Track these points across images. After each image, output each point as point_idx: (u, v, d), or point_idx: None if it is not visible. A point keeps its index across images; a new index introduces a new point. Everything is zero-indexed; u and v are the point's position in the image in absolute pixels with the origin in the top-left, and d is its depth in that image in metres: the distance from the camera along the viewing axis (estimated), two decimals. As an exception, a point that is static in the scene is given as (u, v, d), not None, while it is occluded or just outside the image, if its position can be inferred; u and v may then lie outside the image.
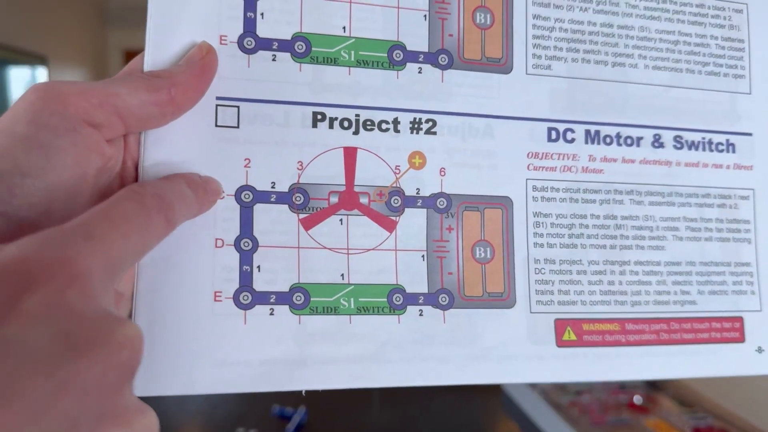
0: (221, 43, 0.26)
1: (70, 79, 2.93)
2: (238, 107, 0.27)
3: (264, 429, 0.77)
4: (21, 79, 2.72)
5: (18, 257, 0.15)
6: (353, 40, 0.28)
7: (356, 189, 0.27)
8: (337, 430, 0.81)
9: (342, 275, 0.27)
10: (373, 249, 0.27)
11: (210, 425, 0.80)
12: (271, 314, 0.26)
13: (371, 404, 0.86)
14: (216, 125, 0.26)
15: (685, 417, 0.74)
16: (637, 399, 0.80)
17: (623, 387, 0.84)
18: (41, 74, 2.76)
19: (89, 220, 0.18)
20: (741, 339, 0.31)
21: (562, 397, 0.80)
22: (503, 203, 0.29)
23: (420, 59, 0.29)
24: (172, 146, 0.25)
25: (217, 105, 0.26)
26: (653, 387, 0.85)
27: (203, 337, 0.25)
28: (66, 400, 0.14)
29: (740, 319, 0.31)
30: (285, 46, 0.27)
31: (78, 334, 0.15)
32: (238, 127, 0.26)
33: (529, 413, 0.82)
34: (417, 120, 0.28)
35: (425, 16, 0.29)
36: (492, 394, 0.91)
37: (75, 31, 2.99)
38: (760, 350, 0.31)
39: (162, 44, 0.26)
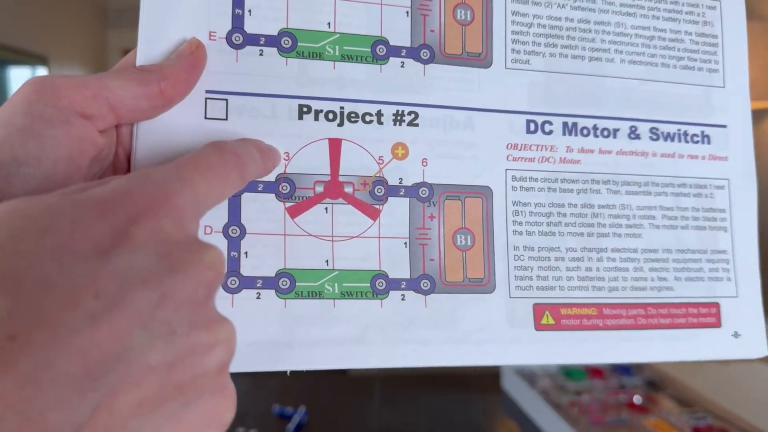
0: (210, 39, 0.28)
1: (71, 78, 2.94)
2: (226, 100, 0.28)
3: (264, 429, 0.77)
4: (21, 79, 2.73)
5: (126, 189, 0.18)
6: (338, 35, 0.29)
7: (341, 179, 0.29)
8: (337, 430, 0.81)
9: (327, 261, 0.28)
10: (357, 236, 0.28)
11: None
12: (258, 298, 0.27)
13: (371, 404, 0.87)
14: (205, 117, 0.27)
15: (684, 417, 0.75)
16: (637, 399, 0.80)
17: (623, 387, 0.85)
18: (41, 74, 2.77)
19: (182, 164, 0.21)
20: (717, 324, 0.32)
21: (562, 397, 0.80)
22: (483, 192, 0.30)
23: (402, 54, 0.30)
24: (163, 137, 0.27)
25: (206, 98, 0.27)
26: (653, 387, 0.85)
27: None
28: (166, 309, 0.17)
29: (716, 305, 0.32)
30: (272, 41, 0.28)
31: (174, 256, 0.18)
32: (226, 119, 0.28)
33: (529, 413, 0.82)
34: (400, 112, 0.29)
35: (407, 12, 0.30)
36: (492, 394, 0.91)
37: (75, 31, 2.99)
38: (736, 335, 0.32)
39: (153, 40, 0.27)
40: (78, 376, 0.15)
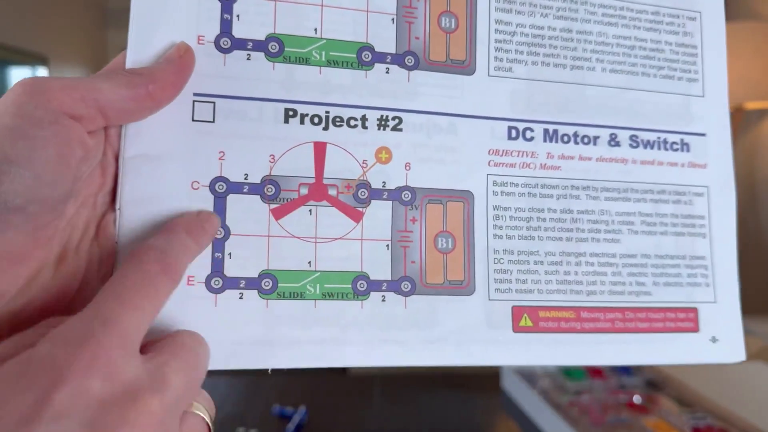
0: (199, 43, 0.28)
1: (70, 79, 2.94)
2: (214, 103, 0.28)
3: (264, 429, 0.77)
4: (21, 79, 2.73)
5: (49, 355, 0.18)
6: (324, 41, 0.30)
7: (325, 181, 0.29)
8: (337, 430, 0.81)
9: (309, 263, 0.28)
10: (339, 238, 0.29)
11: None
12: (241, 298, 0.27)
13: (371, 404, 0.87)
14: (193, 120, 0.28)
15: (684, 417, 0.74)
16: (637, 399, 0.80)
17: (623, 387, 0.85)
18: (41, 74, 2.77)
19: (103, 302, 0.20)
20: (695, 329, 0.33)
21: (561, 396, 0.80)
22: (465, 197, 0.31)
23: (387, 60, 0.30)
24: (151, 139, 0.27)
25: (194, 101, 0.28)
26: (653, 387, 0.85)
27: (177, 318, 0.26)
28: None
29: (695, 310, 0.33)
30: (259, 46, 0.29)
31: (99, 421, 0.17)
32: (213, 121, 0.28)
33: (529, 413, 0.82)
34: (384, 117, 0.30)
35: (393, 19, 0.31)
36: (492, 394, 0.91)
37: (75, 31, 3.00)
38: (714, 340, 0.33)
39: (143, 44, 0.27)
40: None
